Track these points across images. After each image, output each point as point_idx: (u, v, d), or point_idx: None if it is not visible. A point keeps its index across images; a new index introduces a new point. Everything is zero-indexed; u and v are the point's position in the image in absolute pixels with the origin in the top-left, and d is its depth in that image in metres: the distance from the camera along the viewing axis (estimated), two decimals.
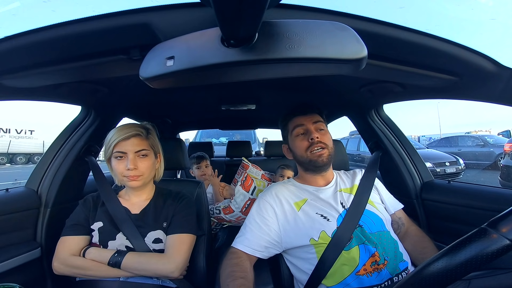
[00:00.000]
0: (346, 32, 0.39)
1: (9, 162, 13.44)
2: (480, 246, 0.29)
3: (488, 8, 0.58)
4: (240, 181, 1.59)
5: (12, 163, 13.46)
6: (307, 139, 0.87)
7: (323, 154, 0.85)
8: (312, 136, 0.85)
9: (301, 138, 0.89)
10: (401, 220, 0.92)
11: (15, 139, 13.71)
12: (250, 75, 0.46)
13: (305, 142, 0.87)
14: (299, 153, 0.89)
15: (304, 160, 0.88)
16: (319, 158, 0.85)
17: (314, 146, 0.85)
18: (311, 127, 0.88)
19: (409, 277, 0.35)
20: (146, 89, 0.53)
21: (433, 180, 1.27)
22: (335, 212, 0.81)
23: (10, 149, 13.28)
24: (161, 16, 0.53)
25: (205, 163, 1.83)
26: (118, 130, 0.85)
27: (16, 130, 13.89)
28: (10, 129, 13.65)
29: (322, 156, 0.85)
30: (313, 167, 0.88)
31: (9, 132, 13.61)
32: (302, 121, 0.89)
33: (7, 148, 13.20)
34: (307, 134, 0.88)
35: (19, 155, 13.59)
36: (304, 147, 0.87)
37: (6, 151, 13.25)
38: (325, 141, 0.87)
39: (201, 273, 0.95)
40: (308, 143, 0.86)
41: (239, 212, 1.46)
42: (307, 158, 0.86)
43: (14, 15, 0.55)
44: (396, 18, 0.54)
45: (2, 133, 13.36)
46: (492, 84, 0.71)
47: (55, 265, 0.79)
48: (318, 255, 0.76)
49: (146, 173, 0.86)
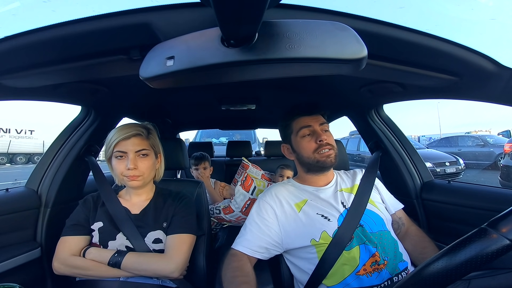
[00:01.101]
0: (346, 32, 0.39)
1: (9, 162, 13.47)
2: (480, 246, 0.29)
3: (488, 8, 0.58)
4: (240, 181, 1.59)
5: (12, 163, 13.50)
6: (314, 141, 0.86)
7: (331, 154, 0.85)
8: (321, 138, 0.84)
9: (308, 139, 0.88)
10: (401, 220, 0.91)
11: (15, 139, 13.75)
12: (250, 75, 0.46)
13: (312, 143, 0.86)
14: (306, 154, 0.88)
15: (311, 161, 0.87)
16: (327, 158, 0.85)
17: (323, 147, 0.85)
18: (318, 129, 0.87)
19: (409, 277, 0.35)
20: (146, 89, 0.53)
21: (433, 180, 1.27)
22: (336, 212, 0.81)
23: (10, 149, 13.32)
24: (161, 16, 0.53)
25: (203, 165, 1.82)
26: (119, 129, 0.85)
27: (16, 130, 13.93)
28: (10, 129, 13.70)
29: (331, 157, 0.85)
30: (319, 168, 0.88)
31: (9, 132, 13.65)
32: (309, 122, 0.88)
33: (7, 148, 13.24)
34: (314, 135, 0.87)
35: (19, 155, 13.63)
36: (312, 148, 0.86)
37: (6, 151, 13.29)
38: (331, 143, 0.87)
39: (201, 273, 0.95)
40: (316, 145, 0.85)
41: (239, 212, 1.47)
42: (315, 159, 0.86)
43: (14, 15, 0.55)
44: (396, 18, 0.54)
45: (2, 133, 13.40)
46: (492, 84, 0.71)
47: (55, 265, 0.79)
48: (319, 255, 0.76)
49: (146, 173, 0.86)
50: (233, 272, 0.73)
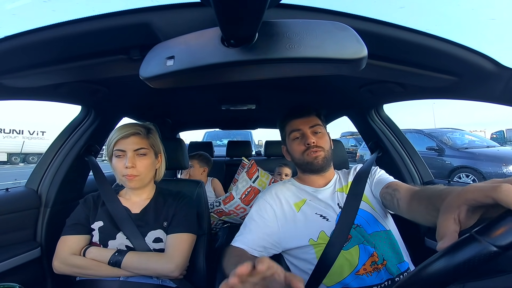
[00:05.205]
0: (346, 32, 0.39)
1: (22, 162, 14.08)
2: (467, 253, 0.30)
3: (488, 8, 0.58)
4: (246, 167, 1.60)
5: (25, 162, 14.10)
6: (303, 143, 0.87)
7: (318, 156, 0.86)
8: (308, 141, 0.86)
9: (298, 142, 0.89)
10: (390, 188, 0.79)
11: (28, 140, 14.36)
12: (250, 75, 0.46)
13: (301, 146, 0.88)
14: (297, 156, 0.90)
15: (302, 162, 0.89)
16: (314, 160, 0.86)
17: (311, 150, 0.86)
18: (307, 131, 0.88)
19: (407, 278, 0.35)
20: (146, 89, 0.53)
21: (433, 180, 1.27)
22: (333, 213, 0.81)
23: (23, 149, 13.96)
24: (161, 16, 0.52)
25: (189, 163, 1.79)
26: (119, 128, 0.86)
27: (29, 131, 14.56)
28: (23, 130, 14.32)
29: (318, 158, 0.86)
30: (310, 169, 0.89)
31: (22, 133, 14.29)
32: (299, 125, 0.89)
33: (20, 149, 13.86)
34: (303, 138, 0.88)
35: (32, 155, 14.22)
36: (301, 151, 0.88)
37: (20, 151, 13.92)
38: (321, 145, 0.87)
39: (201, 272, 0.95)
40: (305, 147, 0.87)
41: (238, 199, 1.47)
42: (304, 161, 0.88)
43: (14, 15, 0.55)
44: (396, 18, 0.54)
45: (16, 134, 14.03)
46: (492, 84, 0.71)
47: (55, 264, 0.79)
48: (317, 255, 0.76)
49: (144, 172, 0.86)
50: (235, 260, 0.72)
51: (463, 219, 0.36)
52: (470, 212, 0.36)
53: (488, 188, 0.33)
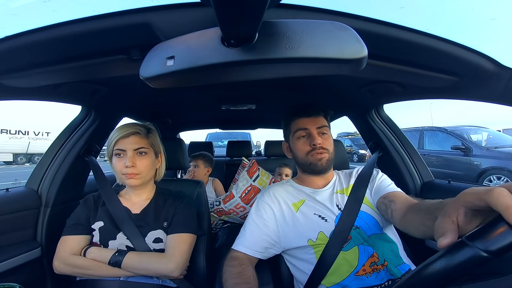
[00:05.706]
0: (346, 32, 0.39)
1: (28, 162, 14.30)
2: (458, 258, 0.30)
3: (488, 8, 0.58)
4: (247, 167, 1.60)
5: (30, 162, 14.32)
6: (309, 144, 0.86)
7: (323, 158, 0.85)
8: (315, 142, 0.84)
9: (303, 142, 0.87)
10: (387, 199, 0.79)
11: (34, 141, 14.59)
12: (250, 75, 0.46)
13: (306, 146, 0.86)
14: (300, 155, 0.88)
15: (304, 162, 0.88)
16: (319, 161, 0.85)
17: (316, 151, 0.84)
18: (314, 132, 0.86)
19: (406, 278, 0.35)
20: (146, 89, 0.53)
21: (433, 180, 1.27)
22: (332, 214, 0.81)
23: (29, 149, 14.20)
24: (161, 16, 0.53)
25: (194, 163, 1.81)
26: (119, 128, 0.86)
27: (34, 132, 14.80)
28: (29, 131, 14.57)
29: (322, 160, 0.85)
30: (312, 170, 0.88)
31: (28, 134, 14.53)
32: (306, 124, 0.87)
33: (26, 149, 14.11)
34: (309, 138, 0.86)
35: (37, 155, 14.44)
36: (306, 151, 0.86)
37: (26, 152, 14.17)
38: (326, 146, 0.86)
39: (201, 273, 0.95)
40: (310, 148, 0.85)
41: (238, 197, 1.46)
42: (307, 161, 0.86)
43: (14, 15, 0.55)
44: (396, 18, 0.54)
45: (21, 135, 14.28)
46: (492, 84, 0.71)
47: (55, 264, 0.79)
48: (317, 256, 0.76)
49: (145, 171, 0.86)
50: (235, 279, 0.72)
51: (461, 223, 0.35)
52: (469, 217, 0.35)
53: (482, 191, 0.32)
